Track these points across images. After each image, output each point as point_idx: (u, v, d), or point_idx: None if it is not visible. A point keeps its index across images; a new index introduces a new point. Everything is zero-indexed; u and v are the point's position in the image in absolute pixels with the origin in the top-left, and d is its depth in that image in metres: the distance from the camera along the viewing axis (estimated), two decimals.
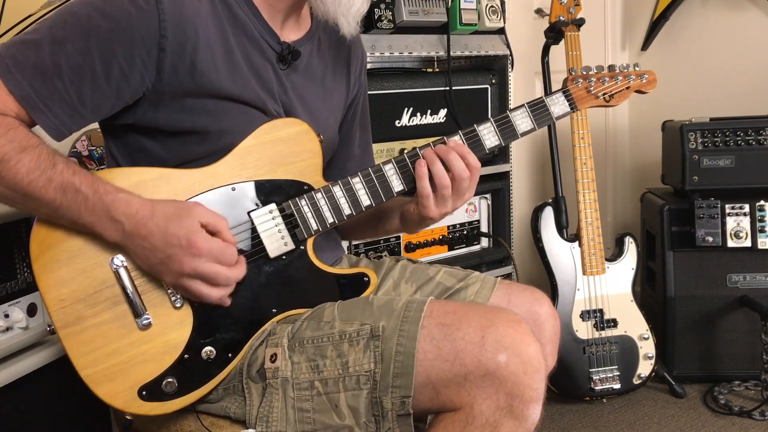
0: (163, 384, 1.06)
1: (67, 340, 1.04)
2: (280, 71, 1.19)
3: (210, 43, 1.07)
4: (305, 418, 1.07)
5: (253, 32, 1.15)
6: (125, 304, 1.05)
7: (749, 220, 2.20)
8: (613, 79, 1.26)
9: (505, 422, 1.00)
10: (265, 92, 1.15)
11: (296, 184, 1.14)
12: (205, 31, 1.06)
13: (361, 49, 1.41)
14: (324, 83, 1.29)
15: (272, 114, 1.16)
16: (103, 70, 1.01)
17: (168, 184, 1.07)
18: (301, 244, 1.14)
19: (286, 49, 1.18)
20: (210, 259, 1.01)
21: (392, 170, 1.17)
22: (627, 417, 2.18)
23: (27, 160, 0.97)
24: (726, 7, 2.66)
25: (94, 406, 1.05)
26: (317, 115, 1.25)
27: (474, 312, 1.06)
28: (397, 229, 1.34)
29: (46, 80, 0.99)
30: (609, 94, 1.26)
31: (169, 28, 1.02)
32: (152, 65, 1.03)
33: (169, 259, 1.00)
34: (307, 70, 1.25)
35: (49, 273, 1.04)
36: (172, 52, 1.03)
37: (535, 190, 3.04)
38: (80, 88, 1.01)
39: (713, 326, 2.29)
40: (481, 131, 1.20)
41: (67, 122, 1.03)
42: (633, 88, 1.28)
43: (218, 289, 1.04)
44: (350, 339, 1.06)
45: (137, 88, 1.05)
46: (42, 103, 1.00)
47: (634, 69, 1.28)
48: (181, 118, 1.08)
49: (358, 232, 1.45)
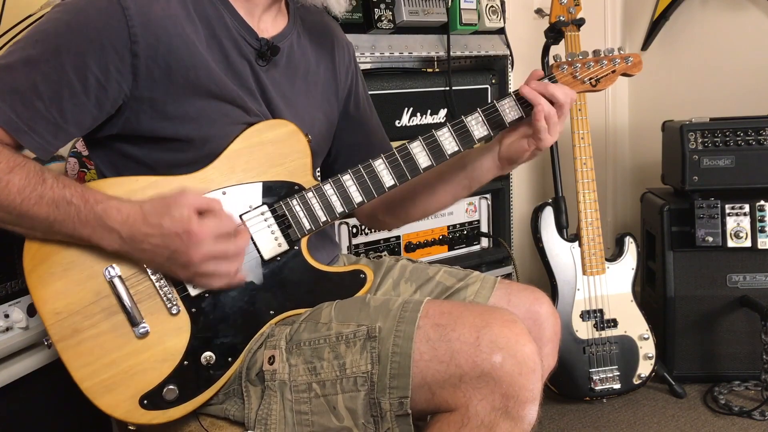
0: (164, 392, 1.06)
1: (64, 352, 1.04)
2: (258, 68, 1.18)
3: (183, 43, 1.06)
4: (303, 421, 1.07)
5: (228, 29, 1.14)
6: (121, 314, 1.05)
7: (749, 220, 2.20)
8: (599, 63, 1.24)
9: (501, 423, 1.00)
10: (244, 90, 1.14)
11: (287, 184, 1.14)
12: (177, 31, 1.06)
13: (344, 41, 1.40)
14: (307, 78, 1.28)
15: (254, 113, 1.15)
16: (80, 84, 1.01)
17: (157, 191, 1.07)
18: (295, 245, 1.14)
19: (265, 45, 1.17)
20: (212, 239, 1.01)
21: (382, 165, 1.17)
22: (627, 417, 2.18)
23: (17, 180, 0.98)
24: (726, 7, 2.66)
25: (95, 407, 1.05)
26: (302, 111, 1.24)
27: (469, 312, 1.05)
28: (492, 174, 1.30)
29: (26, 102, 1.00)
30: (595, 78, 1.25)
31: (138, 33, 1.02)
32: (127, 72, 1.03)
33: (175, 254, 1.00)
34: (289, 65, 1.24)
35: (43, 286, 1.04)
36: (145, 56, 1.03)
37: (535, 190, 3.04)
38: (60, 105, 1.01)
39: (713, 326, 2.29)
40: (469, 122, 1.19)
41: (52, 141, 1.03)
42: (619, 72, 1.26)
43: (233, 263, 1.05)
44: (347, 340, 1.06)
45: (116, 97, 1.04)
46: (26, 125, 1.00)
47: (619, 52, 1.26)
48: (164, 125, 1.08)
49: (440, 196, 1.37)
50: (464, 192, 1.34)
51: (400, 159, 1.17)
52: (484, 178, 1.30)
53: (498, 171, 1.29)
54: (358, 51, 1.96)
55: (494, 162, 1.27)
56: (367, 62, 2.10)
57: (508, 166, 1.27)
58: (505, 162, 1.26)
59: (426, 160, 1.18)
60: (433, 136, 1.19)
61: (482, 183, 1.31)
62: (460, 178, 1.32)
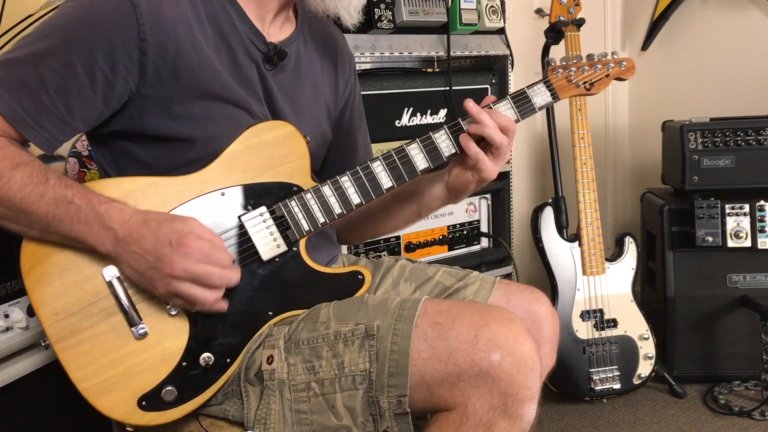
0: (163, 393, 1.05)
1: (62, 353, 1.03)
2: (266, 72, 1.19)
3: (191, 44, 1.07)
4: (303, 420, 1.07)
5: (237, 32, 1.14)
6: (120, 315, 1.05)
7: (749, 220, 2.20)
8: (593, 67, 1.27)
9: (499, 421, 0.99)
10: (249, 93, 1.15)
11: (285, 186, 1.14)
12: (186, 31, 1.06)
13: (348, 53, 1.42)
14: (314, 82, 1.29)
15: (258, 116, 1.16)
16: (88, 79, 1.02)
17: (156, 192, 1.07)
18: (294, 246, 1.14)
19: (273, 49, 1.18)
20: (201, 258, 1.00)
21: (380, 167, 1.17)
22: (627, 417, 2.17)
23: (19, 177, 0.98)
24: (726, 7, 2.66)
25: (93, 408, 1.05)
26: (307, 115, 1.25)
27: (467, 311, 1.05)
28: (441, 203, 1.32)
29: (33, 96, 1.00)
30: (589, 82, 1.27)
31: (148, 31, 1.02)
32: (135, 69, 1.04)
33: (160, 261, 0.99)
34: (296, 70, 1.25)
35: (41, 288, 1.04)
36: (153, 54, 1.04)
37: (535, 190, 3.04)
38: (67, 99, 1.02)
39: (713, 326, 2.29)
40: (465, 124, 1.20)
41: (58, 135, 1.04)
42: (612, 76, 1.29)
43: (213, 291, 1.02)
44: (345, 339, 1.06)
45: (122, 94, 1.05)
46: (31, 119, 1.01)
47: (613, 57, 1.29)
48: (168, 124, 1.08)
49: (393, 219, 1.40)
50: (415, 217, 1.38)
51: (398, 161, 1.17)
52: (434, 205, 1.33)
53: (447, 200, 1.31)
54: (358, 51, 1.97)
55: (444, 191, 1.29)
56: (367, 62, 2.10)
57: (455, 197, 1.29)
58: (452, 192, 1.28)
59: (423, 162, 1.19)
60: (430, 138, 1.19)
61: (432, 210, 1.35)
62: (412, 202, 1.34)
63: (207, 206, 1.09)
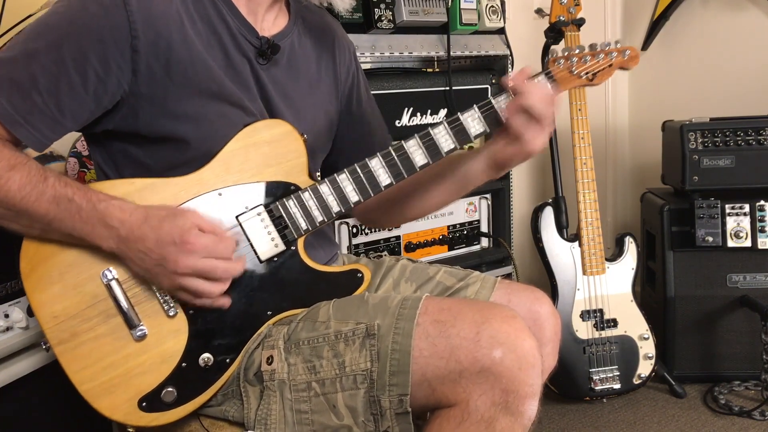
0: (163, 394, 1.06)
1: (63, 356, 1.04)
2: (258, 67, 1.18)
3: (183, 41, 1.06)
4: (304, 420, 1.06)
5: (229, 27, 1.14)
6: (119, 317, 1.05)
7: (749, 220, 2.20)
8: (595, 57, 1.22)
9: (500, 418, 0.99)
10: (243, 89, 1.14)
11: (283, 185, 1.14)
12: (178, 28, 1.06)
13: (345, 39, 1.39)
14: (309, 76, 1.28)
15: (252, 112, 1.15)
16: (80, 78, 1.01)
17: (154, 193, 1.07)
18: (292, 245, 1.13)
19: (265, 43, 1.17)
20: (205, 254, 1.01)
21: (378, 164, 1.16)
22: (627, 417, 2.17)
23: (17, 177, 0.98)
24: (726, 7, 2.66)
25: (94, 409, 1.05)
26: (303, 110, 1.24)
27: (469, 308, 1.05)
28: (485, 177, 1.27)
29: (24, 95, 1.00)
30: (592, 72, 1.22)
31: (139, 29, 1.02)
32: (127, 67, 1.03)
33: (164, 259, 1.00)
34: (290, 64, 1.24)
35: (40, 290, 1.04)
36: (145, 52, 1.03)
37: (535, 190, 3.04)
38: (58, 98, 1.01)
39: (713, 326, 2.29)
40: (465, 119, 1.18)
41: (48, 134, 1.03)
42: (615, 66, 1.23)
43: (217, 285, 1.04)
44: (346, 338, 1.06)
45: (114, 92, 1.05)
46: (22, 118, 1.00)
47: (616, 46, 1.23)
48: (163, 124, 1.08)
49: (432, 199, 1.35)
50: (457, 194, 1.33)
51: (396, 157, 1.16)
52: (478, 180, 1.28)
53: (490, 175, 1.27)
54: (358, 51, 1.96)
55: (486, 165, 1.26)
56: (367, 62, 2.10)
57: (498, 171, 1.26)
58: (495, 166, 1.24)
59: (422, 158, 1.17)
60: (429, 134, 1.17)
61: (476, 185, 1.30)
62: (453, 180, 1.30)
63: (204, 207, 1.08)
